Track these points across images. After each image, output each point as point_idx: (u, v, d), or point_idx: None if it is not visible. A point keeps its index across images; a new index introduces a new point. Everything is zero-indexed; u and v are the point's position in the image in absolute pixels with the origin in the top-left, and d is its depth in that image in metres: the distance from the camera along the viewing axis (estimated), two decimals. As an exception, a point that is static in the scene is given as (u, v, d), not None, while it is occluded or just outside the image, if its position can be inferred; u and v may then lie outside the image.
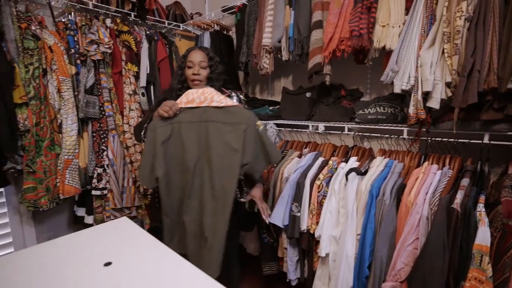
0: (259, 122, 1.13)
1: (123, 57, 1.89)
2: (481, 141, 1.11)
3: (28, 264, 0.78)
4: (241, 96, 1.39)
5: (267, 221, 1.29)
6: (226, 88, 1.37)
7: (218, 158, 1.10)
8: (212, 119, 1.12)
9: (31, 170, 1.55)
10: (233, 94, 1.35)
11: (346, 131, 1.54)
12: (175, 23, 2.32)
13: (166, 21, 2.26)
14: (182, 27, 2.35)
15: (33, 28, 1.52)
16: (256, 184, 1.30)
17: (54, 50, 1.57)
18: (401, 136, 1.32)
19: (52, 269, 0.76)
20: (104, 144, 1.79)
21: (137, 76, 1.95)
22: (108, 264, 0.78)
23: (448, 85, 1.02)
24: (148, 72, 1.95)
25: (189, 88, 1.28)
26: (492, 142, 1.09)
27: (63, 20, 1.69)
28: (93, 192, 1.77)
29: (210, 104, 1.12)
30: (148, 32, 2.01)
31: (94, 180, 1.76)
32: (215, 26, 2.05)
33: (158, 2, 2.27)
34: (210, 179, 1.11)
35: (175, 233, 1.21)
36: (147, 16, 2.14)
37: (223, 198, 1.10)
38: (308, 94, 1.81)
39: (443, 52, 1.01)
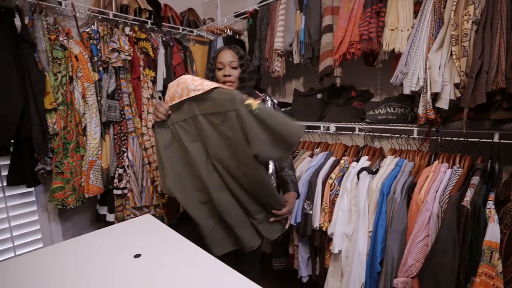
0: (250, 101, 0.92)
1: (141, 63, 1.98)
2: (491, 140, 1.13)
3: (64, 257, 0.86)
4: (275, 101, 1.32)
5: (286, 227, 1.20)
6: (260, 89, 1.31)
7: (224, 153, 0.99)
8: (199, 112, 0.99)
9: (60, 171, 1.66)
10: (267, 98, 1.28)
11: (357, 131, 1.58)
12: (189, 28, 2.41)
13: (181, 27, 2.35)
14: (196, 33, 2.43)
15: (61, 39, 1.63)
16: (289, 191, 1.19)
17: (79, 58, 1.67)
18: (411, 136, 1.35)
19: (87, 261, 0.84)
20: (124, 146, 1.89)
21: (154, 81, 2.04)
22: (137, 256, 0.85)
23: (456, 86, 1.05)
24: (164, 76, 2.03)
25: None
26: (502, 141, 1.11)
27: (87, 30, 1.80)
28: (115, 192, 1.87)
29: (189, 95, 0.97)
30: (164, 39, 2.10)
31: (116, 180, 1.86)
32: (228, 31, 2.13)
33: (173, 9, 2.36)
34: (228, 173, 1.02)
35: (217, 234, 1.11)
36: (163, 23, 2.24)
37: (254, 179, 1.00)
38: (319, 96, 1.86)
39: (451, 54, 1.04)
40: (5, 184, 1.77)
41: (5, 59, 1.38)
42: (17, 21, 1.52)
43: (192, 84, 0.97)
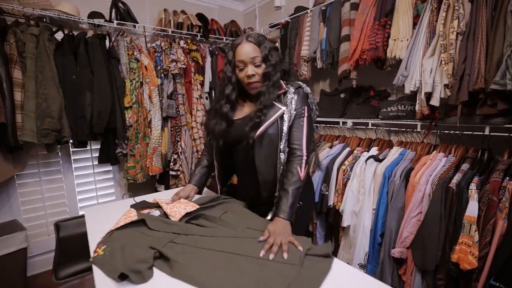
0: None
1: (192, 69, 2.44)
2: (482, 133, 1.30)
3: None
4: (306, 90, 1.12)
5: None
6: (287, 79, 1.14)
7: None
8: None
9: (132, 154, 2.18)
10: (291, 89, 1.08)
11: (370, 126, 1.80)
12: (231, 38, 2.82)
13: (224, 38, 2.77)
14: (237, 41, 2.83)
15: (135, 53, 2.15)
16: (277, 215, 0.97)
17: (148, 68, 2.18)
18: (416, 130, 1.55)
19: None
20: (178, 136, 2.36)
21: (202, 84, 2.48)
22: (191, 205, 1.25)
23: (446, 86, 1.26)
24: (210, 80, 2.47)
25: (244, 94, 1.13)
26: (491, 133, 1.27)
27: (153, 45, 2.30)
28: (171, 173, 2.35)
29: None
30: (210, 48, 2.54)
31: (171, 164, 2.35)
32: (263, 41, 2.47)
33: (218, 22, 2.79)
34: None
35: None
36: (209, 35, 2.68)
37: None
38: (342, 95, 2.11)
39: (441, 61, 1.24)
40: (95, 163, 2.38)
41: (103, 71, 1.92)
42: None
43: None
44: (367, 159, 1.60)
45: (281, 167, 1.07)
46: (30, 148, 2.06)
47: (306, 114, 1.08)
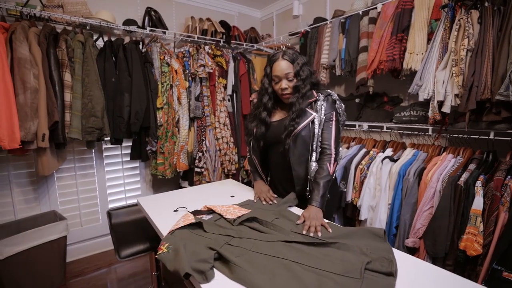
0: None
1: (216, 73, 2.62)
2: (487, 137, 1.47)
3: (192, 193, 1.48)
4: (335, 96, 1.29)
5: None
6: (317, 89, 1.30)
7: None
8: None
9: (162, 151, 2.36)
10: (321, 97, 1.26)
11: (385, 129, 1.98)
12: (250, 44, 3.00)
13: (244, 43, 2.95)
14: (256, 47, 3.01)
15: (166, 58, 2.33)
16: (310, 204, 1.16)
17: (178, 72, 2.36)
18: (427, 133, 1.73)
19: (202, 196, 1.44)
20: (203, 136, 2.54)
21: (225, 87, 2.66)
22: (232, 196, 1.43)
23: (456, 96, 1.43)
24: (233, 83, 2.65)
25: (278, 101, 1.33)
26: (496, 138, 1.45)
27: (181, 51, 2.48)
28: (196, 169, 2.53)
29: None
30: (233, 54, 2.72)
31: (196, 161, 2.52)
32: (284, 48, 2.65)
33: (239, 29, 2.97)
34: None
35: None
36: (231, 41, 2.86)
37: None
38: (357, 100, 2.28)
39: (452, 73, 1.42)
40: (124, 159, 2.56)
41: (140, 74, 2.10)
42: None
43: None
44: (383, 159, 1.78)
45: (313, 164, 1.26)
46: (68, 144, 2.24)
47: (334, 118, 1.27)
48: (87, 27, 2.14)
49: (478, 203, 1.34)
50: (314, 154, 1.25)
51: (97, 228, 2.51)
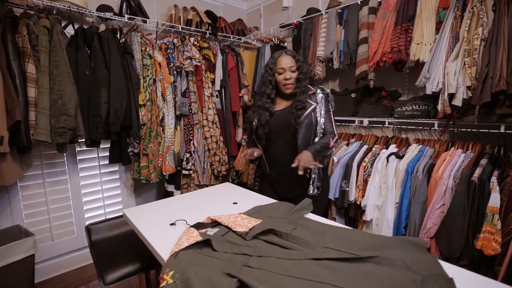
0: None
1: (203, 67, 2.42)
2: (498, 131, 1.42)
3: (187, 201, 1.29)
4: (327, 91, 1.51)
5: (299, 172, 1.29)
6: (312, 84, 1.51)
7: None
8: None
9: (146, 153, 2.13)
10: (318, 90, 1.48)
11: (386, 125, 1.90)
12: (238, 37, 2.82)
13: (231, 36, 2.77)
14: (243, 40, 2.84)
15: (148, 49, 2.10)
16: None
17: (162, 65, 2.13)
18: (433, 128, 1.66)
19: (201, 204, 1.26)
20: (191, 135, 2.33)
21: (213, 82, 2.47)
22: (235, 203, 1.26)
23: (468, 88, 1.37)
24: (221, 78, 2.46)
25: (280, 92, 1.50)
26: (507, 131, 1.40)
27: (164, 42, 2.25)
28: (183, 172, 2.32)
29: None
30: (221, 47, 2.52)
31: (184, 163, 2.31)
32: (275, 40, 2.51)
33: (226, 20, 2.78)
34: None
35: None
36: (217, 33, 2.66)
37: None
38: (353, 95, 2.19)
39: (464, 64, 1.35)
40: (102, 163, 2.29)
41: (119, 67, 1.85)
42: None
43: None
44: (388, 156, 1.69)
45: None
46: (34, 147, 1.94)
47: (331, 110, 1.54)
48: (54, 12, 1.86)
49: (495, 200, 1.28)
50: (316, 139, 1.47)
51: (71, 242, 2.22)
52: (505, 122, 1.40)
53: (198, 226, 0.99)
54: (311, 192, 1.48)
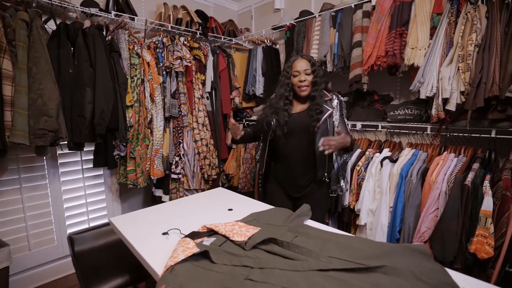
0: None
1: (194, 68, 2.35)
2: (489, 135, 1.45)
3: (180, 208, 1.22)
4: (341, 98, 1.51)
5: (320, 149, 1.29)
6: (328, 90, 1.50)
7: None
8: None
9: (133, 156, 2.03)
10: (334, 97, 1.48)
11: (379, 129, 1.91)
12: (229, 38, 2.77)
13: (222, 37, 2.71)
14: (234, 41, 2.79)
15: (136, 48, 2.01)
16: None
17: (150, 64, 2.04)
18: (425, 132, 1.68)
19: (194, 211, 1.20)
20: (180, 138, 2.25)
21: (203, 83, 2.40)
22: (230, 209, 1.21)
23: (462, 93, 1.38)
24: (212, 79, 2.40)
25: (296, 94, 1.48)
26: (498, 136, 1.43)
27: (153, 41, 2.17)
28: (172, 176, 2.23)
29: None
30: (212, 47, 2.46)
31: (173, 166, 2.23)
32: (268, 42, 2.47)
33: (217, 21, 2.72)
34: None
35: None
36: (208, 33, 2.60)
37: None
38: (345, 98, 2.19)
39: (458, 69, 1.36)
40: (84, 166, 2.17)
41: (105, 65, 1.76)
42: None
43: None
44: (382, 160, 1.69)
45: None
46: (10, 150, 1.81)
47: (345, 115, 1.54)
48: (33, 5, 1.74)
49: (487, 204, 1.29)
50: None
51: (51, 251, 2.08)
52: (496, 127, 1.42)
53: (193, 235, 0.93)
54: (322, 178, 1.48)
